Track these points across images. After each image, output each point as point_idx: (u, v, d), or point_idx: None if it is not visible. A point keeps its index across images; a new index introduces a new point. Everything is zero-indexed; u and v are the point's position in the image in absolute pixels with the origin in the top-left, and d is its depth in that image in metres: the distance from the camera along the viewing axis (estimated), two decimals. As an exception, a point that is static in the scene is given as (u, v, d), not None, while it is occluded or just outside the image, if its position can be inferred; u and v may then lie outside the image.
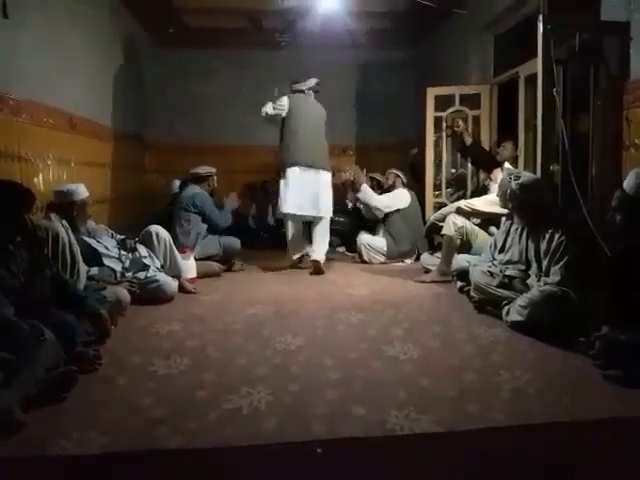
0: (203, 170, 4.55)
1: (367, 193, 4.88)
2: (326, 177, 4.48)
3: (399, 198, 4.91)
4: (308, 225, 4.63)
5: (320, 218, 4.47)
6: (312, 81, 4.55)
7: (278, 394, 1.93)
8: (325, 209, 4.46)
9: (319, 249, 4.45)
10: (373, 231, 5.05)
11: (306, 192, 4.36)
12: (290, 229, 4.52)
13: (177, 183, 5.54)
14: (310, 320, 2.93)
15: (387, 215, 4.93)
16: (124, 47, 5.49)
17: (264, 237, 6.20)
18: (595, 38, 3.16)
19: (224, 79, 6.91)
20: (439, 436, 1.65)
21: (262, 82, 6.58)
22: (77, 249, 2.91)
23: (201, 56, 6.88)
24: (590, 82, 3.21)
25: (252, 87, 6.79)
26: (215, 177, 4.62)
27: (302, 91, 4.52)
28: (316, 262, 4.37)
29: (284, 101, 4.40)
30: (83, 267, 2.95)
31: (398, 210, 4.89)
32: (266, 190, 6.50)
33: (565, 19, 3.13)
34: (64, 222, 2.97)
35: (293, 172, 4.34)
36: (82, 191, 3.20)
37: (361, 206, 5.12)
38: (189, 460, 1.54)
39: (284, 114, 4.38)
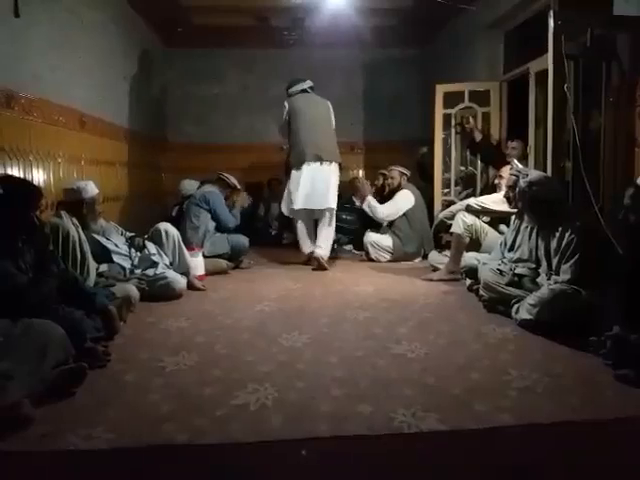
0: (231, 179, 4.69)
1: (372, 205, 4.89)
2: (335, 168, 4.56)
3: (403, 202, 4.87)
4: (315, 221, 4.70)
5: (327, 210, 4.51)
6: (309, 82, 4.70)
7: (284, 391, 1.93)
8: (332, 200, 4.51)
9: (324, 245, 4.52)
10: (380, 229, 5.03)
11: (316, 187, 4.44)
12: (300, 226, 4.61)
13: (186, 184, 5.56)
14: (317, 317, 2.93)
15: (393, 218, 4.94)
16: (133, 47, 5.51)
17: (271, 234, 6.23)
18: (607, 33, 3.12)
19: (231, 78, 6.94)
20: (446, 434, 1.64)
21: (268, 81, 6.62)
22: (87, 246, 2.94)
23: (208, 56, 6.90)
24: (602, 78, 3.18)
25: (259, 86, 6.83)
26: (237, 193, 4.78)
27: (305, 90, 4.64)
28: (318, 259, 4.42)
29: (285, 106, 4.56)
30: (93, 264, 2.97)
31: (404, 213, 4.88)
32: (273, 188, 6.51)
33: (576, 14, 3.10)
34: (74, 220, 2.99)
35: (303, 169, 4.43)
36: (91, 188, 3.22)
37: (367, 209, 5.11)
38: (196, 456, 1.55)
39: (287, 116, 4.54)
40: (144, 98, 5.88)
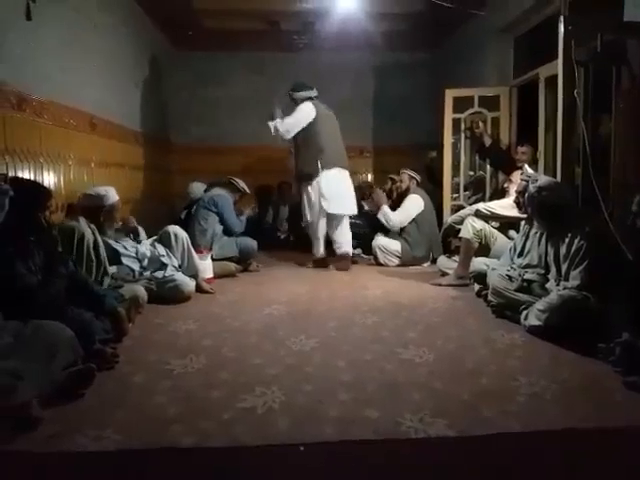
0: (241, 184, 4.70)
1: (386, 214, 4.90)
2: (348, 176, 4.76)
3: (413, 208, 4.85)
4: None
5: (348, 215, 4.74)
6: (315, 90, 4.70)
7: (292, 394, 1.93)
8: (355, 205, 4.78)
9: (349, 244, 4.72)
10: (389, 233, 5.02)
11: (344, 192, 4.65)
12: (321, 229, 4.69)
13: (195, 186, 5.59)
14: (324, 321, 2.93)
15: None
16: (143, 49, 5.56)
17: (280, 237, 6.24)
18: (617, 39, 3.11)
19: (239, 81, 6.97)
20: (453, 440, 1.63)
21: (277, 84, 6.65)
22: (103, 251, 2.97)
23: (218, 59, 6.94)
24: (612, 83, 3.16)
25: (267, 89, 6.85)
26: (247, 202, 4.87)
27: (311, 98, 4.64)
28: (349, 257, 4.68)
29: (310, 108, 4.51)
30: (110, 269, 3.00)
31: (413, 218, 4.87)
32: (284, 191, 6.52)
33: (586, 20, 3.08)
34: (92, 225, 3.00)
35: (331, 174, 4.54)
36: (112, 195, 3.25)
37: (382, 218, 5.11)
38: (203, 459, 1.55)
39: (311, 119, 4.50)
40: (153, 100, 5.92)
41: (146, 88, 5.62)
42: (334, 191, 4.53)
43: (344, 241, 4.68)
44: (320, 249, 4.75)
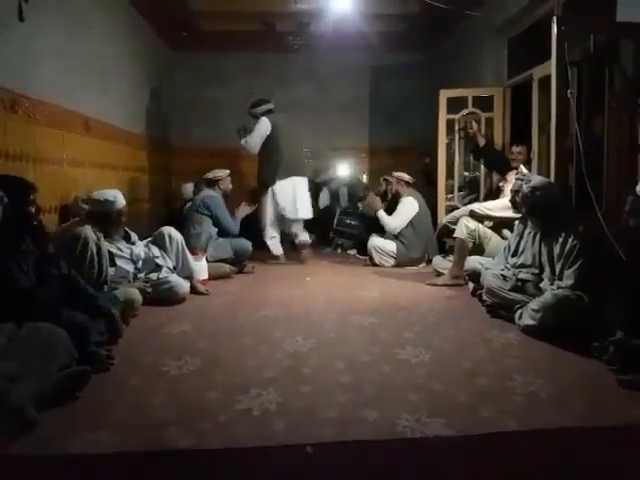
0: (212, 174, 4.65)
1: (382, 219, 4.92)
2: (305, 182, 5.18)
3: (408, 211, 4.85)
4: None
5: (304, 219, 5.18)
6: (272, 103, 5.09)
7: (289, 396, 1.93)
8: (310, 211, 5.18)
9: (304, 233, 5.14)
10: (385, 234, 5.02)
11: (302, 199, 5.04)
12: (276, 232, 5.07)
13: (188, 187, 5.59)
14: (321, 322, 2.93)
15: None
16: (140, 51, 5.54)
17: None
18: (610, 39, 3.13)
19: (237, 82, 6.96)
20: (451, 440, 1.64)
21: (275, 85, 6.64)
22: (106, 260, 2.96)
23: (214, 60, 6.95)
24: (605, 84, 3.18)
25: (265, 90, 6.84)
26: (228, 179, 4.71)
27: (270, 111, 5.00)
28: (305, 244, 5.08)
29: (265, 124, 4.88)
30: (109, 277, 3.00)
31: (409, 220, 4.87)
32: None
33: (580, 20, 3.10)
34: (98, 233, 2.97)
35: (285, 183, 4.91)
36: (120, 200, 3.22)
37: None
38: (199, 460, 1.54)
39: (268, 132, 4.87)
40: (151, 102, 5.91)
41: (143, 90, 5.61)
42: (290, 198, 4.91)
43: (299, 231, 5.07)
44: (278, 247, 5.08)
